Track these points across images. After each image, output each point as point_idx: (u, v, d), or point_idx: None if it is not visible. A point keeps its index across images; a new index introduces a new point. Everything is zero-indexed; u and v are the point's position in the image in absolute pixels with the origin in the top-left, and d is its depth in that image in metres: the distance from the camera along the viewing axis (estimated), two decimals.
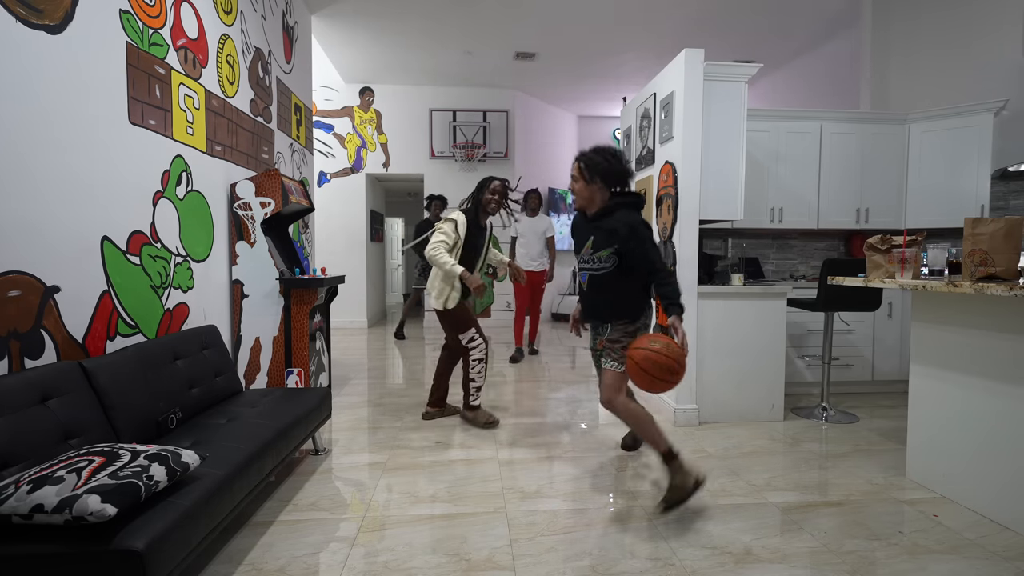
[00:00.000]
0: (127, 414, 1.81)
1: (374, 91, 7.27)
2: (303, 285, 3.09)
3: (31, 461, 1.43)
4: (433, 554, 1.81)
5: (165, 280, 2.44)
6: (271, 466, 1.95)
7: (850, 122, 4.07)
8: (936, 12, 4.32)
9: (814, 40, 5.71)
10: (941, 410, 2.29)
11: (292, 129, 4.29)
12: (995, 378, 2.05)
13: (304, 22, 4.72)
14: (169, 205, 2.48)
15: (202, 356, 2.39)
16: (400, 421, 3.28)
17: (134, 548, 1.20)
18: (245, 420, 2.11)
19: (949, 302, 2.24)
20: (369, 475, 2.48)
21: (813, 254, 4.53)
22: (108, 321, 2.06)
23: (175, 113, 2.52)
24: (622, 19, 5.26)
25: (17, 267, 1.66)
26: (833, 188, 4.09)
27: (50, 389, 1.59)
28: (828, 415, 3.33)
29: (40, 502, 1.18)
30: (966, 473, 2.17)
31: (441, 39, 5.76)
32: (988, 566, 1.75)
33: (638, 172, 3.95)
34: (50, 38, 1.79)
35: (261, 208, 3.07)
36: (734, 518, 2.07)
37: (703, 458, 2.68)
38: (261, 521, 2.04)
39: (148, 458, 1.40)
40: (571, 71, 6.76)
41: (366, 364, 5.04)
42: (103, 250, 2.04)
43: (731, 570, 1.72)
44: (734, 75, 3.19)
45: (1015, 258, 1.98)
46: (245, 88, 3.34)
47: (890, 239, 2.39)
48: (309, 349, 3.14)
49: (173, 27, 2.52)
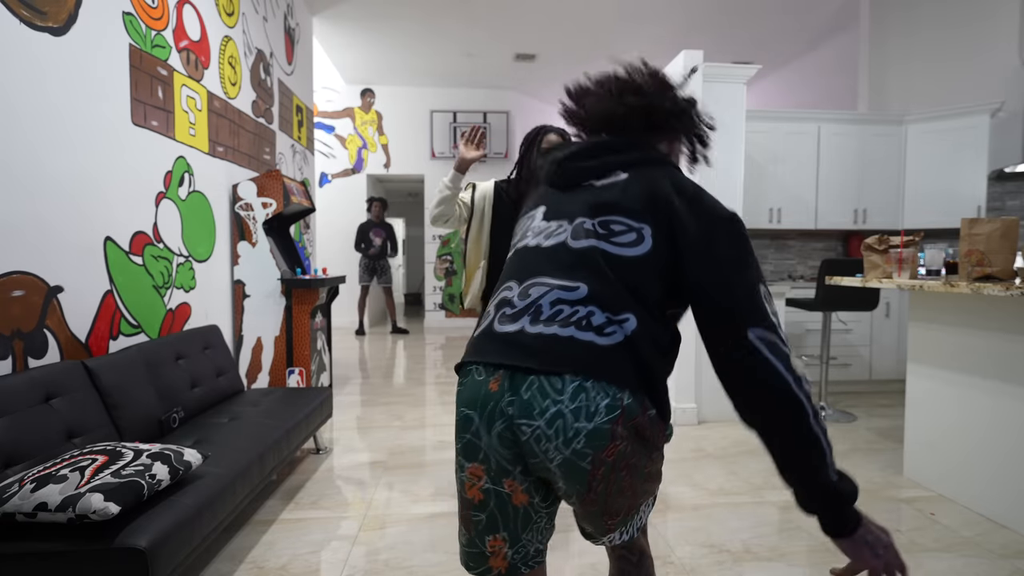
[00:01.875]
0: (130, 413, 1.83)
1: (375, 92, 7.29)
2: (304, 285, 3.10)
3: (35, 460, 1.44)
4: (434, 552, 1.83)
5: (167, 280, 2.45)
6: (273, 465, 1.96)
7: (848, 123, 4.08)
8: (933, 14, 4.34)
9: (812, 42, 5.72)
10: (938, 409, 2.30)
11: (293, 130, 4.30)
12: (992, 377, 2.07)
13: (305, 24, 4.73)
14: (171, 206, 2.50)
15: (204, 356, 2.40)
16: (401, 420, 3.29)
17: (137, 546, 1.21)
18: (247, 419, 2.12)
19: (946, 302, 2.26)
20: (370, 474, 2.49)
21: (811, 254, 4.54)
22: (111, 321, 2.07)
23: (177, 114, 2.54)
24: (622, 20, 5.28)
25: (21, 267, 1.67)
26: (831, 189, 4.11)
27: (53, 388, 1.60)
28: (826, 414, 3.34)
29: (44, 500, 1.19)
30: (963, 472, 2.19)
31: (441, 41, 5.77)
32: (985, 564, 1.76)
33: None
34: (54, 40, 1.81)
35: (263, 208, 3.08)
36: (733, 517, 2.08)
37: (702, 457, 2.69)
38: (263, 519, 2.05)
39: (151, 457, 1.42)
40: (571, 72, 6.71)
41: (367, 364, 5.05)
42: (106, 250, 2.05)
43: (730, 568, 1.73)
44: (733, 76, 3.20)
45: (1011, 258, 2.00)
46: (247, 89, 3.35)
47: (887, 239, 2.41)
48: (310, 349, 3.15)
49: (175, 29, 2.53)
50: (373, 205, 6.66)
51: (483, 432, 0.82)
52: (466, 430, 0.84)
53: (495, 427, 0.81)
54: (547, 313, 0.82)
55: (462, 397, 0.86)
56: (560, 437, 0.76)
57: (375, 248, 6.70)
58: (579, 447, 0.76)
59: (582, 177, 0.93)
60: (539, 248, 0.89)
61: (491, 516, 0.84)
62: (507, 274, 0.92)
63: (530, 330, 0.82)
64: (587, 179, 0.92)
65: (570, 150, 0.96)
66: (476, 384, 0.83)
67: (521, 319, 0.83)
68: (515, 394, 0.79)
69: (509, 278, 0.91)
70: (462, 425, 0.85)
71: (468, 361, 0.87)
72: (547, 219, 0.92)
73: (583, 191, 0.91)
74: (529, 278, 0.87)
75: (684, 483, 2.38)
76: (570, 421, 0.76)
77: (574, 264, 0.84)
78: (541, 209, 0.95)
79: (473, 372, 0.85)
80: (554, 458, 0.77)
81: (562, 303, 0.82)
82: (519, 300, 0.86)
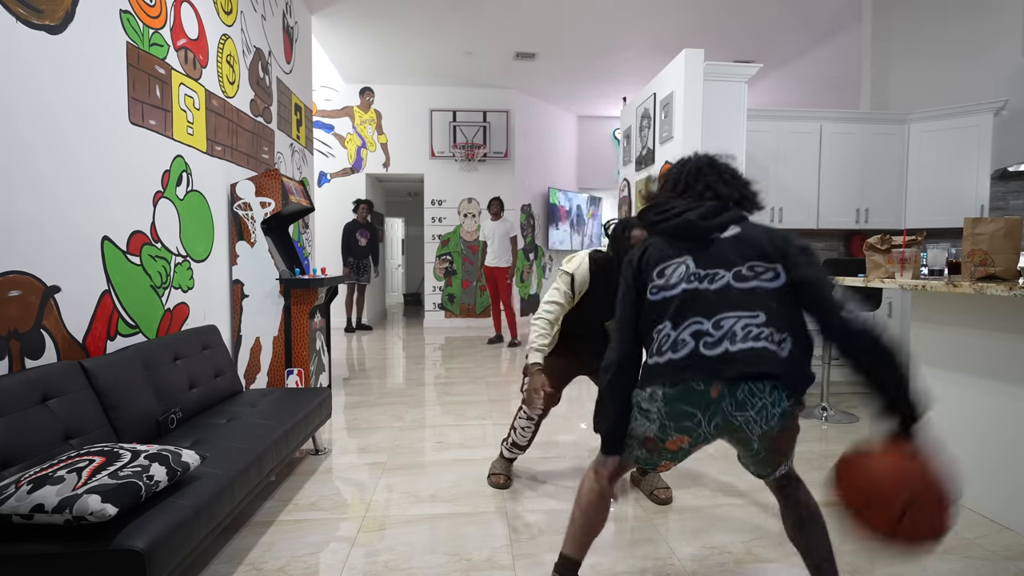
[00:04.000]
0: (127, 414, 1.82)
1: (374, 91, 7.27)
2: (303, 285, 3.09)
3: (32, 461, 1.43)
4: (433, 554, 1.82)
5: (165, 280, 2.44)
6: (271, 466, 1.95)
7: (850, 122, 4.07)
8: (936, 12, 4.32)
9: (814, 40, 5.71)
10: (941, 410, 2.29)
11: (292, 129, 4.29)
12: (994, 378, 2.06)
13: (304, 22, 4.72)
14: (169, 205, 2.48)
15: (202, 356, 2.39)
16: (400, 421, 3.28)
17: (135, 548, 1.20)
18: (245, 420, 2.11)
19: (949, 302, 2.24)
20: (369, 475, 2.48)
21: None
22: (108, 321, 2.06)
23: (175, 113, 2.52)
24: (622, 19, 5.26)
25: (18, 267, 1.66)
26: (833, 188, 4.10)
27: (50, 389, 1.59)
28: (828, 415, 3.33)
29: (40, 502, 1.18)
30: (965, 473, 2.17)
31: (441, 39, 5.76)
32: (987, 566, 1.75)
33: (638, 172, 3.95)
34: (50, 38, 1.80)
35: (261, 208, 3.07)
36: (734, 518, 2.07)
37: (704, 458, 2.68)
38: (261, 521, 2.04)
39: (148, 458, 1.41)
40: (571, 71, 6.76)
41: (366, 364, 5.04)
42: (103, 250, 2.04)
43: (731, 570, 1.72)
44: (734, 75, 3.19)
45: (1015, 258, 1.98)
46: (245, 88, 3.34)
47: (890, 239, 2.40)
48: (309, 349, 3.14)
49: (173, 27, 2.52)
50: (360, 207, 6.93)
51: (703, 423, 1.23)
52: (686, 418, 1.23)
53: (715, 420, 1.21)
54: (740, 335, 1.19)
55: (685, 400, 1.22)
56: (763, 418, 1.19)
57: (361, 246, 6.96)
58: (774, 423, 1.19)
59: (711, 232, 1.29)
60: (708, 291, 1.24)
61: (672, 456, 1.33)
62: (687, 312, 1.24)
63: (732, 349, 1.18)
64: (713, 233, 1.29)
65: (699, 212, 1.31)
66: (697, 392, 1.20)
67: (723, 343, 1.19)
68: (733, 396, 1.18)
69: (694, 314, 1.23)
70: (682, 415, 1.23)
71: (686, 377, 1.21)
72: (700, 267, 1.27)
73: (718, 243, 1.28)
74: (716, 314, 1.22)
75: (687, 484, 2.37)
76: (770, 409, 1.18)
77: (744, 300, 1.22)
78: (688, 258, 1.28)
79: (691, 383, 1.21)
80: (754, 431, 1.21)
81: (750, 326, 1.19)
82: (714, 330, 1.21)
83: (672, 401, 1.23)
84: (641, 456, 1.34)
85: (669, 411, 1.24)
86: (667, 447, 1.29)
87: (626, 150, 4.30)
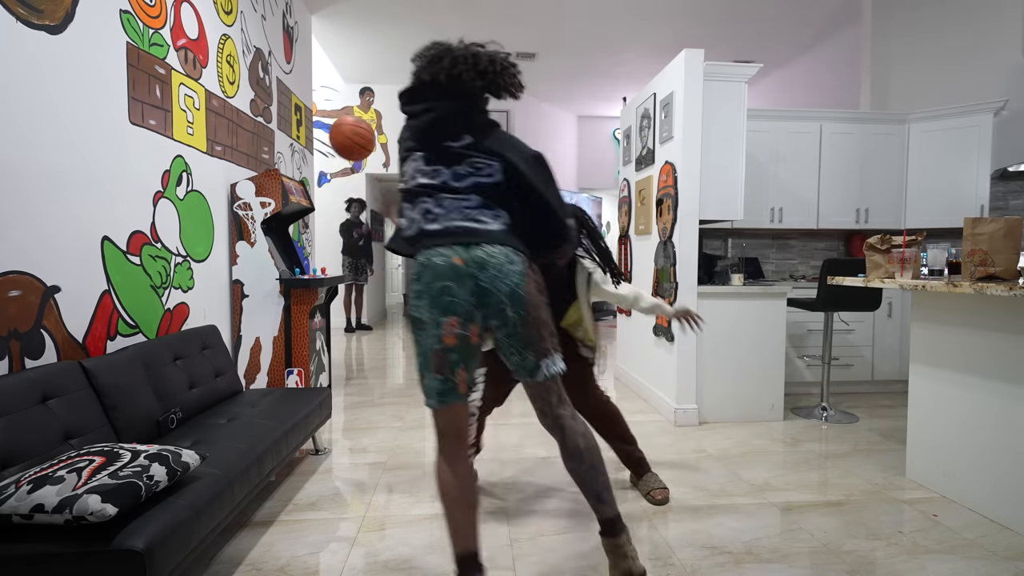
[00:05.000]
0: (127, 414, 1.82)
1: (374, 91, 7.28)
2: (303, 285, 3.09)
3: (31, 461, 1.43)
4: (433, 554, 1.82)
5: (165, 280, 2.44)
6: (271, 466, 1.95)
7: (850, 122, 4.07)
8: (936, 12, 4.32)
9: (814, 40, 5.71)
10: (941, 410, 2.29)
11: (292, 129, 4.29)
12: (995, 378, 2.06)
13: (304, 22, 4.72)
14: (169, 205, 2.48)
15: (202, 356, 2.39)
16: (400, 421, 3.28)
17: (134, 548, 1.20)
18: (245, 420, 2.11)
19: (949, 302, 2.24)
20: (369, 475, 2.48)
21: (813, 254, 4.53)
22: (108, 321, 2.06)
23: (175, 113, 2.53)
24: (622, 19, 5.26)
25: (17, 267, 1.66)
26: (833, 188, 4.09)
27: (50, 389, 1.59)
28: (828, 415, 3.33)
29: (40, 502, 1.18)
30: (966, 473, 2.18)
31: (441, 39, 5.74)
32: (988, 566, 1.75)
33: (638, 172, 3.95)
34: (50, 38, 1.80)
35: (261, 208, 3.07)
36: (734, 518, 2.07)
37: (703, 458, 2.68)
38: (261, 521, 2.04)
39: (148, 458, 1.40)
40: (571, 71, 6.76)
41: (366, 364, 5.04)
42: (103, 250, 2.04)
43: (731, 570, 1.72)
44: (734, 75, 3.19)
45: (1015, 258, 1.98)
46: (245, 88, 3.34)
47: (890, 239, 2.40)
48: (309, 349, 3.14)
49: (173, 27, 2.52)
50: (353, 205, 7.03)
51: (458, 291, 1.32)
52: (446, 293, 1.32)
53: (466, 285, 1.33)
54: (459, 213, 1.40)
55: (432, 274, 1.34)
56: (505, 277, 1.34)
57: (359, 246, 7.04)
58: (516, 280, 1.36)
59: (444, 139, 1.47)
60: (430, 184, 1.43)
61: (460, 358, 1.37)
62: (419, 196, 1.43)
63: (456, 224, 1.38)
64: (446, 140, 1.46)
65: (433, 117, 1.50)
66: (441, 265, 1.34)
67: (444, 219, 1.38)
68: (473, 260, 1.33)
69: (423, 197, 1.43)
70: (440, 291, 1.33)
71: (426, 248, 1.38)
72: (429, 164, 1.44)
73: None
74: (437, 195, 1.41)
75: (685, 484, 2.37)
76: (507, 268, 1.35)
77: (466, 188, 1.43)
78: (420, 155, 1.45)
79: (433, 256, 1.35)
80: (502, 289, 1.34)
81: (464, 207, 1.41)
82: (436, 208, 1.40)
83: (429, 279, 1.35)
84: (437, 384, 1.38)
85: (431, 291, 1.34)
86: (447, 343, 1.34)
87: (626, 150, 4.29)
